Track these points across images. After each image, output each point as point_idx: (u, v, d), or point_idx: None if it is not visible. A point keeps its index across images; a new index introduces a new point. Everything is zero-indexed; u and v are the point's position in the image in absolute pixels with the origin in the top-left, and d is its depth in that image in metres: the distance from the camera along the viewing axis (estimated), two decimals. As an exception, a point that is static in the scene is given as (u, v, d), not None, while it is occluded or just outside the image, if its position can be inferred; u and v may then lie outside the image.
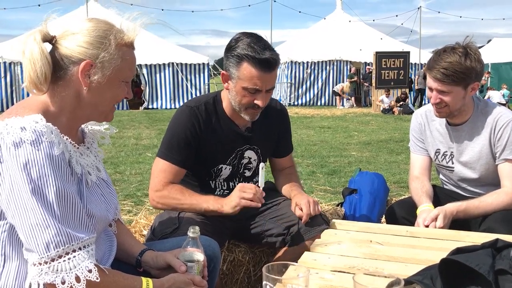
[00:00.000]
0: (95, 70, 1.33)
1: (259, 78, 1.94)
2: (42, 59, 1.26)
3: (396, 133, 10.80)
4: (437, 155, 2.42)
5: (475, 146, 2.28)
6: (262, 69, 1.93)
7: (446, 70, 2.10)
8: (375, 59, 17.11)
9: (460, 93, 2.16)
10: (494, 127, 2.22)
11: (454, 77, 2.11)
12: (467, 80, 2.13)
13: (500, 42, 27.49)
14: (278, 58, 1.98)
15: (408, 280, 1.24)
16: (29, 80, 1.28)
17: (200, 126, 2.08)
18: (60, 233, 1.20)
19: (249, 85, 1.95)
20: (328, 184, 5.57)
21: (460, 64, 2.10)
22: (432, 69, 2.15)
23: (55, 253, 1.19)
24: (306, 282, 1.11)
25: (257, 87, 1.96)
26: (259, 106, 2.01)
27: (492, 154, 2.26)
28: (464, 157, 2.32)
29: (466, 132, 2.30)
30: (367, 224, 2.07)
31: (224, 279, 2.30)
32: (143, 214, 2.95)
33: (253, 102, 2.00)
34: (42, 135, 1.22)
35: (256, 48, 1.93)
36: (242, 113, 2.06)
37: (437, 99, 2.18)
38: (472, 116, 2.28)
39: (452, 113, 2.23)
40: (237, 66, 1.96)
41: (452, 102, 2.17)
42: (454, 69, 2.10)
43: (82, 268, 1.22)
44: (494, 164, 2.27)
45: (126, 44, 1.38)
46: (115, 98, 1.40)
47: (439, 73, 2.12)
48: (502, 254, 1.21)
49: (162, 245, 1.67)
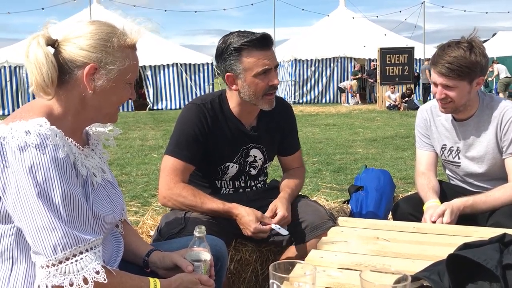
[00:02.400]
0: (100, 73, 1.33)
1: (264, 57, 1.98)
2: (48, 63, 1.27)
3: (402, 129, 10.76)
4: (443, 151, 2.40)
5: (482, 140, 2.27)
6: (262, 47, 1.97)
7: (451, 64, 2.09)
8: (380, 55, 17.04)
9: (465, 88, 2.14)
10: (501, 122, 2.21)
11: (459, 71, 2.09)
12: (472, 75, 2.12)
13: (505, 35, 27.32)
14: (270, 35, 2.04)
15: (416, 276, 1.23)
16: (36, 84, 1.28)
17: (207, 123, 2.09)
18: (67, 235, 1.20)
19: (258, 68, 1.97)
20: (334, 182, 5.57)
21: (465, 58, 2.08)
22: (437, 64, 2.14)
23: (63, 255, 1.20)
24: (313, 280, 1.11)
25: (267, 67, 1.98)
26: (275, 86, 2.03)
27: (498, 148, 2.25)
28: (471, 152, 2.31)
29: (472, 127, 2.29)
30: (374, 221, 2.06)
31: (232, 278, 2.30)
32: (150, 215, 2.96)
33: (268, 85, 2.01)
34: (47, 138, 1.22)
35: (246, 34, 1.98)
36: (259, 104, 2.07)
37: (442, 94, 2.17)
38: (478, 111, 2.27)
39: (457, 109, 2.22)
40: (238, 60, 1.97)
41: (457, 97, 2.15)
42: (459, 64, 2.08)
43: (90, 270, 1.23)
44: (501, 158, 2.25)
45: (129, 46, 1.38)
46: (119, 100, 1.40)
47: (444, 68, 2.11)
48: (510, 248, 1.21)
49: (169, 245, 1.68)
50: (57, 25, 1.38)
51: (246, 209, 2.00)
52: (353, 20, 23.25)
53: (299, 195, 2.31)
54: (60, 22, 1.41)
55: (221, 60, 2.02)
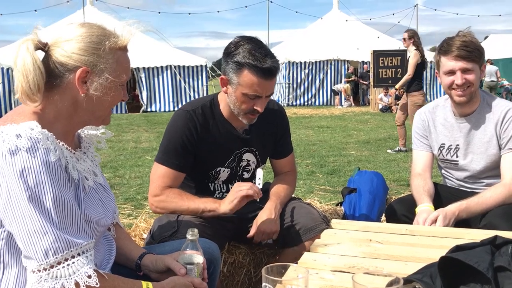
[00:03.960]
0: (92, 76, 1.32)
1: (259, 86, 1.95)
2: (34, 70, 1.25)
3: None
4: (441, 150, 2.43)
5: (482, 136, 2.31)
6: (263, 77, 1.93)
7: (467, 47, 2.19)
8: (373, 58, 17.10)
9: (478, 73, 2.24)
10: (502, 119, 2.26)
11: (476, 53, 2.21)
12: (482, 59, 2.24)
13: (497, 39, 27.53)
14: (278, 66, 1.99)
15: (408, 278, 1.24)
16: (21, 91, 1.26)
17: (197, 130, 2.08)
18: (59, 239, 1.20)
19: (249, 91, 1.96)
20: (328, 184, 5.57)
21: (476, 43, 2.22)
22: (452, 50, 2.21)
23: (54, 259, 1.19)
24: (306, 282, 1.11)
25: (258, 94, 1.97)
26: (258, 112, 2.01)
27: (498, 145, 2.29)
28: (471, 148, 2.34)
29: (473, 123, 2.33)
30: (367, 223, 2.07)
31: (225, 281, 2.30)
32: (143, 218, 2.95)
33: (253, 108, 2.00)
34: (38, 142, 1.21)
35: (257, 56, 1.92)
36: (240, 117, 2.07)
37: (463, 79, 2.21)
38: (479, 107, 2.32)
39: (471, 95, 2.26)
40: (237, 73, 1.95)
41: (475, 81, 2.23)
42: (474, 46, 2.21)
43: (82, 274, 1.22)
44: (498, 155, 2.29)
45: (121, 47, 1.37)
46: (112, 102, 1.39)
47: (463, 51, 2.19)
48: (501, 250, 1.21)
49: (162, 249, 1.67)
50: (49, 26, 1.37)
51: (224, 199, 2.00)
52: (347, 22, 23.33)
53: (292, 197, 2.30)
54: (53, 23, 1.40)
55: (225, 61, 2.01)
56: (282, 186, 2.24)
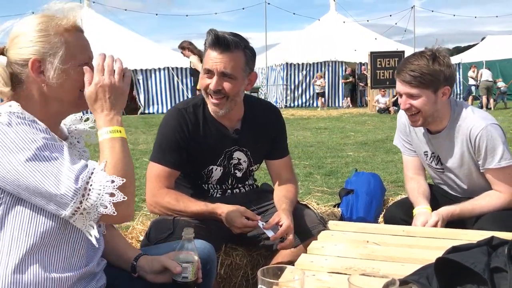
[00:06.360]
0: (45, 64, 1.32)
1: (211, 58, 1.96)
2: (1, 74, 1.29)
3: (392, 132, 10.78)
4: (426, 156, 2.39)
5: (456, 152, 2.24)
6: (213, 48, 1.95)
7: (413, 72, 2.09)
8: (370, 59, 17.15)
9: (431, 98, 2.12)
10: (469, 139, 2.17)
11: (422, 79, 2.08)
12: (435, 84, 2.11)
13: (494, 39, 27.60)
14: (234, 40, 1.95)
15: (405, 280, 1.23)
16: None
17: (188, 128, 2.09)
18: (70, 167, 1.22)
19: (205, 65, 1.98)
20: (326, 185, 5.57)
21: (427, 66, 2.08)
22: (400, 72, 2.14)
23: (82, 182, 1.22)
24: (302, 284, 1.10)
25: (208, 67, 1.97)
26: (213, 91, 1.98)
27: (474, 161, 2.23)
28: (448, 163, 2.30)
29: (445, 139, 2.25)
30: (364, 224, 2.07)
31: (222, 283, 2.29)
32: (140, 220, 2.93)
33: (207, 87, 1.99)
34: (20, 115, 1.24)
35: (210, 33, 1.97)
36: (208, 105, 2.07)
37: (407, 104, 2.15)
38: (449, 123, 2.22)
39: (426, 120, 2.18)
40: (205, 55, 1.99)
41: (422, 107, 2.12)
42: (422, 71, 2.08)
43: (108, 181, 1.26)
44: (476, 169, 2.24)
45: (67, 29, 1.35)
46: (76, 85, 1.37)
47: (407, 75, 2.10)
48: (498, 251, 1.21)
49: (157, 250, 1.66)
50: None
51: (229, 206, 2.00)
52: (344, 24, 23.39)
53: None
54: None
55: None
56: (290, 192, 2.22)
